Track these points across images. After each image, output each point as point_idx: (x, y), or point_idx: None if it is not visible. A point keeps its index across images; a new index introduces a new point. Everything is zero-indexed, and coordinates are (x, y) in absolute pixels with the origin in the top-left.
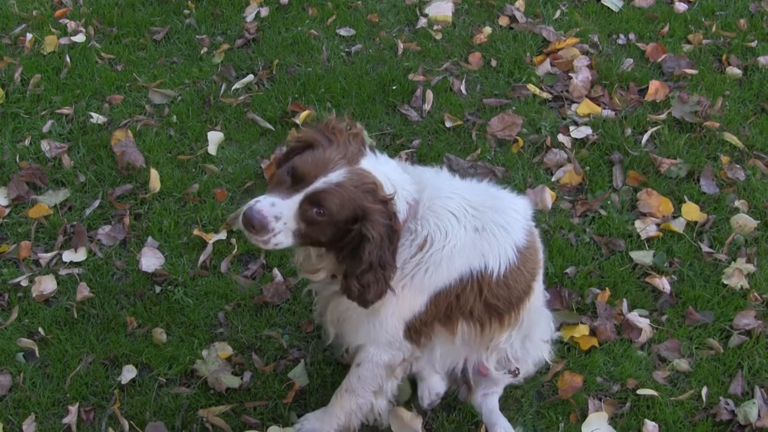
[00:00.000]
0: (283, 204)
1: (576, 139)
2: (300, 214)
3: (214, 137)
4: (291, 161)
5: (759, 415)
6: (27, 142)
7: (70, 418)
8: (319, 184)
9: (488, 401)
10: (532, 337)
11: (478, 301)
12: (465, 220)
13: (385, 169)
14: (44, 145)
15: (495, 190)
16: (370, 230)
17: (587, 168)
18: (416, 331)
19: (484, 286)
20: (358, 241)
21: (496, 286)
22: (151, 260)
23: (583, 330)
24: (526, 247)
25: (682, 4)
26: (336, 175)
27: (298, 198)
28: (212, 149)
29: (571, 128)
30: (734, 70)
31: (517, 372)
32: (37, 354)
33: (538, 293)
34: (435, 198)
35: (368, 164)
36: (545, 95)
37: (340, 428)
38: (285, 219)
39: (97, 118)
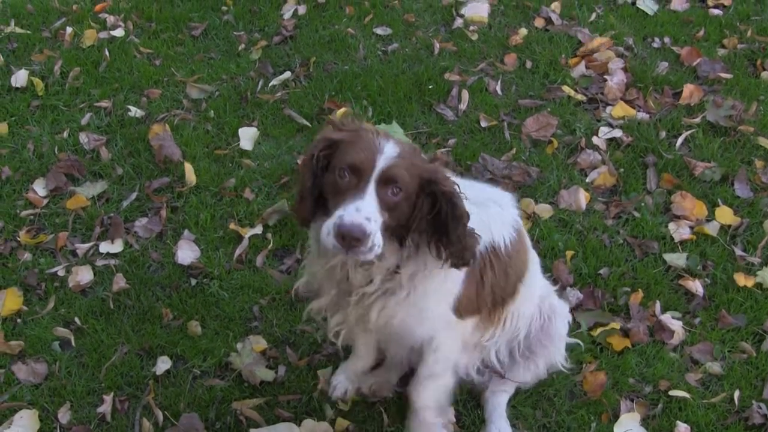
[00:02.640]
0: (363, 203)
1: (610, 141)
2: (380, 202)
3: (247, 133)
4: (334, 164)
5: None
6: (65, 134)
7: (105, 408)
8: (381, 163)
9: (494, 399)
10: (539, 340)
11: None
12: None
13: None
14: (82, 138)
15: (482, 185)
16: (447, 186)
17: (621, 170)
18: (462, 309)
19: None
20: (432, 207)
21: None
22: (187, 253)
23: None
24: (513, 245)
25: (717, 8)
26: (389, 149)
27: (371, 188)
28: (246, 144)
29: (602, 130)
30: None
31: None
32: (73, 343)
33: (527, 298)
34: None
35: None
36: (580, 97)
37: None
38: (373, 216)
39: (135, 111)
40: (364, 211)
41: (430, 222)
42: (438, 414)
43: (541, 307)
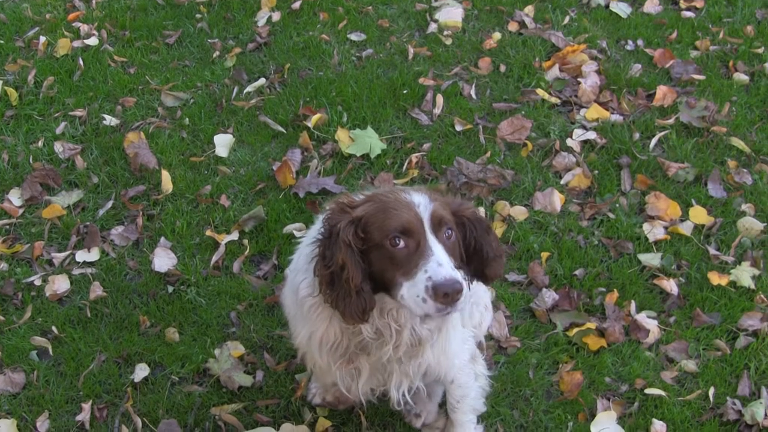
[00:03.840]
0: (438, 256)
1: (585, 143)
2: (446, 248)
3: (222, 140)
4: (375, 241)
5: (766, 415)
6: (40, 144)
7: (84, 416)
8: (424, 212)
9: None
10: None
11: None
12: None
13: None
14: (57, 147)
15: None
16: (470, 208)
17: (596, 172)
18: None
19: None
20: (464, 236)
21: None
22: (163, 260)
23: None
24: None
25: (689, 11)
26: (417, 198)
27: (432, 238)
28: (221, 151)
29: (576, 132)
30: (741, 76)
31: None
32: (51, 352)
33: None
34: None
35: None
36: (554, 100)
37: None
38: (452, 263)
39: (110, 120)
40: (446, 262)
41: (466, 252)
42: (475, 426)
43: None
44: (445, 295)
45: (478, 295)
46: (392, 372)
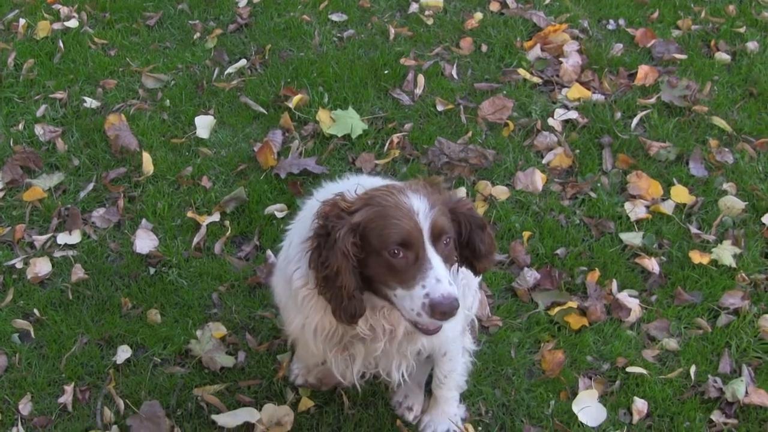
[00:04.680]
0: (436, 271)
1: (566, 123)
2: (444, 257)
3: (204, 121)
4: (374, 247)
5: (746, 392)
6: (21, 127)
7: (66, 398)
8: (424, 223)
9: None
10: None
11: None
12: None
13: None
14: (38, 130)
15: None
16: (466, 204)
17: (577, 151)
18: None
19: None
20: (459, 230)
21: None
22: (145, 242)
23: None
24: None
25: None
26: (418, 203)
27: (431, 251)
28: (202, 133)
29: (558, 111)
30: (723, 56)
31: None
32: (33, 335)
33: None
34: None
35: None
36: (536, 80)
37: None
38: (450, 277)
39: (90, 102)
40: (444, 278)
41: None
42: (458, 404)
43: None
44: (442, 313)
45: (470, 278)
46: (391, 355)
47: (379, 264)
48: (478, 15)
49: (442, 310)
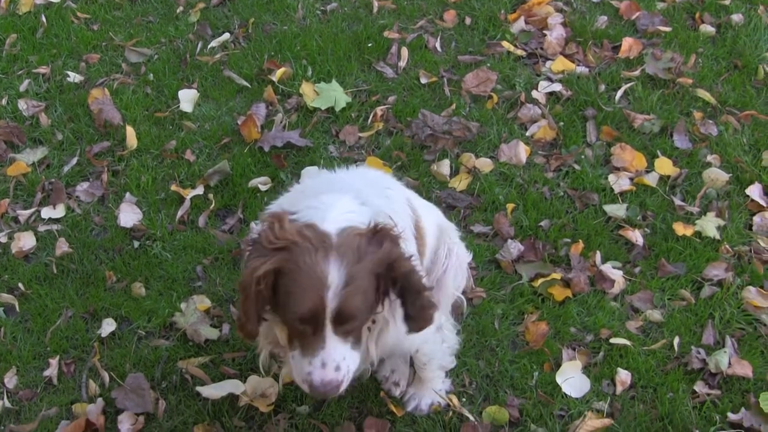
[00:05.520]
0: (326, 354)
1: (550, 95)
2: (342, 338)
3: (187, 95)
4: (285, 309)
5: (729, 364)
6: (4, 101)
7: (51, 371)
8: (331, 302)
9: None
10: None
11: None
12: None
13: (339, 211)
14: (21, 104)
15: (368, 175)
16: (403, 266)
17: (561, 123)
18: None
19: None
20: (393, 285)
21: None
22: (129, 216)
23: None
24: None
25: None
26: (334, 275)
27: (328, 332)
28: (186, 107)
29: (542, 84)
30: (707, 28)
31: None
32: (18, 309)
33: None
34: (367, 199)
35: (331, 224)
36: (519, 52)
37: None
38: (341, 360)
39: (73, 77)
40: (330, 363)
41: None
42: (443, 380)
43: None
44: (319, 396)
45: (462, 258)
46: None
47: (284, 317)
48: None
49: (317, 394)
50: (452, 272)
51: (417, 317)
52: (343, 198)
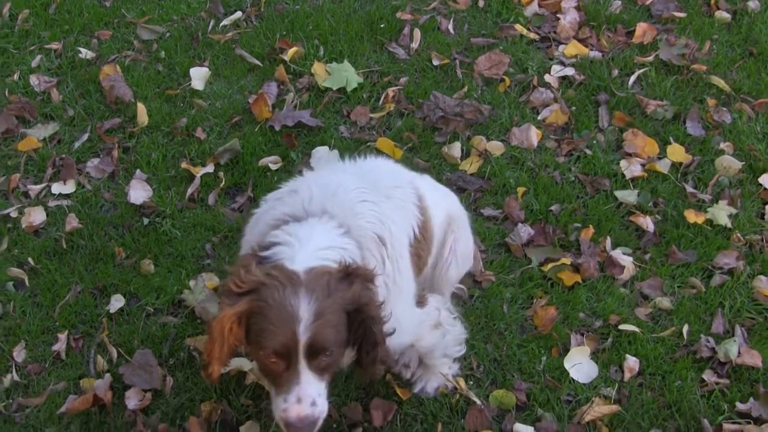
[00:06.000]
0: (301, 389)
1: (563, 80)
2: (317, 372)
3: (198, 73)
4: (258, 347)
5: (739, 353)
6: (16, 77)
7: (60, 346)
8: (303, 335)
9: None
10: None
11: None
12: (383, 208)
13: (312, 248)
14: (33, 80)
15: (380, 170)
16: (371, 311)
17: (573, 108)
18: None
19: None
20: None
21: None
22: (139, 192)
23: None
24: (421, 226)
25: None
26: (305, 309)
27: (302, 366)
28: (197, 84)
29: (554, 68)
30: (723, 14)
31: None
32: (27, 283)
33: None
34: (353, 219)
35: (299, 263)
36: (533, 36)
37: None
38: (316, 396)
39: (85, 53)
40: (306, 399)
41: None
42: (450, 365)
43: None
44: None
45: (468, 246)
46: None
47: (257, 356)
48: None
49: (294, 429)
50: (456, 264)
51: (366, 367)
52: (323, 228)
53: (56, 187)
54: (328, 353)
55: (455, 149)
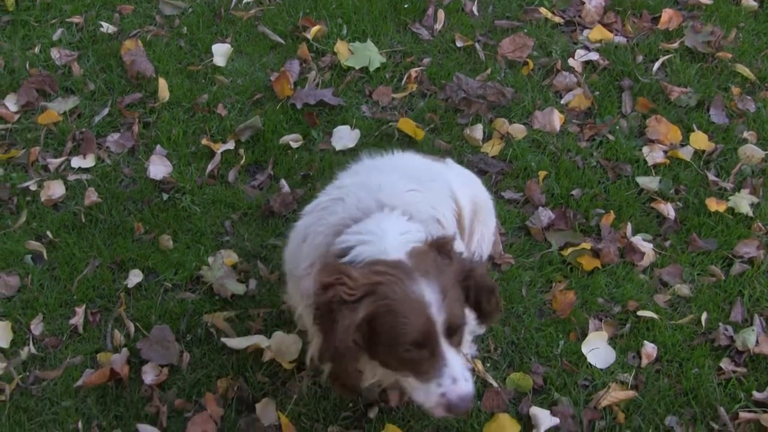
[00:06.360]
0: (451, 369)
1: (586, 64)
2: (456, 350)
3: (220, 49)
4: (392, 345)
5: (757, 342)
6: (37, 50)
7: (77, 320)
8: (438, 317)
9: None
10: None
11: None
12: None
13: (393, 236)
14: (54, 53)
15: (416, 162)
16: (481, 277)
17: (597, 93)
18: None
19: None
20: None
21: None
22: (159, 168)
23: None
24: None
25: None
26: (430, 291)
27: (445, 344)
28: (219, 61)
29: (579, 52)
30: (750, 2)
31: None
32: (45, 257)
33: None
34: (410, 206)
35: (395, 251)
36: (557, 19)
37: None
38: (464, 369)
39: (107, 27)
40: (460, 376)
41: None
42: (469, 345)
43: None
44: (459, 412)
45: (490, 231)
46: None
47: (389, 356)
48: None
49: (459, 411)
50: (479, 254)
51: (492, 313)
52: (389, 219)
53: (76, 161)
54: (461, 327)
55: (477, 131)
